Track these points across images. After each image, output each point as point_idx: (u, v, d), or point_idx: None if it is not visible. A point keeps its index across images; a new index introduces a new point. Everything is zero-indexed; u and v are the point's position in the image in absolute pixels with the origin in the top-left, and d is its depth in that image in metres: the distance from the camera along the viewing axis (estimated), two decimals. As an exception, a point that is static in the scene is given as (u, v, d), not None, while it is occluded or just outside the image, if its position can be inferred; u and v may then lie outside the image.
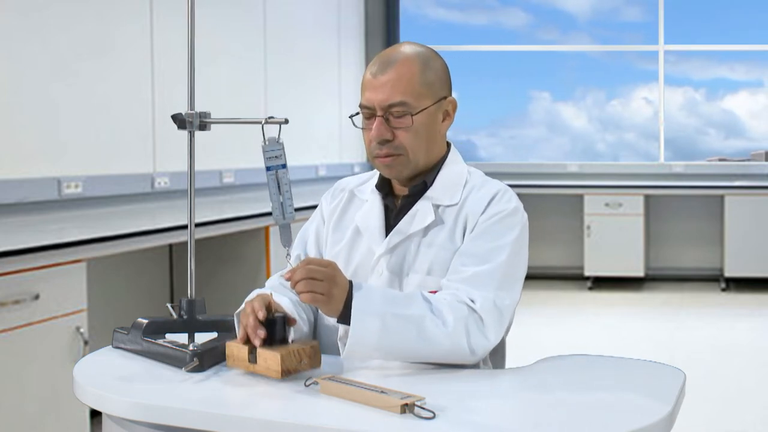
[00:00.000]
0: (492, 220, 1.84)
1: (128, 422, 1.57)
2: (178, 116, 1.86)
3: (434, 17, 9.25)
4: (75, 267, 3.26)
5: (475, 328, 1.70)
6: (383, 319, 1.65)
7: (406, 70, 1.85)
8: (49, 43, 4.01)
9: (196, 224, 2.61)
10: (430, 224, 1.87)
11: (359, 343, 1.65)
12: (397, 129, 1.85)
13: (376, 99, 1.85)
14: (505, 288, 1.77)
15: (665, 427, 1.45)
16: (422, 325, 1.67)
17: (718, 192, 7.50)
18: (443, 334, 1.67)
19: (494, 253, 1.79)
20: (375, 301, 1.67)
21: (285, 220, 1.70)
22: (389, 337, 1.65)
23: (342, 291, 1.66)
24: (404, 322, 1.66)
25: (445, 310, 1.70)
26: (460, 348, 1.69)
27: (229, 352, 1.69)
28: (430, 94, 1.87)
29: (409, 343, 1.67)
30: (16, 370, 3.02)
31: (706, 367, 5.01)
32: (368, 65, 1.90)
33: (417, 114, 1.85)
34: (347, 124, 8.57)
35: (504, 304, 1.75)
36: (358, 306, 1.65)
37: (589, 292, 7.44)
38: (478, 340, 1.70)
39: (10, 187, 3.77)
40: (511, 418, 1.48)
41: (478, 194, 1.89)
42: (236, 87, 5.61)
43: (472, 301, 1.72)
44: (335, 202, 2.03)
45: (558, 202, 7.71)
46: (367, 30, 7.98)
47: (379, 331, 1.64)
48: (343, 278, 1.68)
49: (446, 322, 1.68)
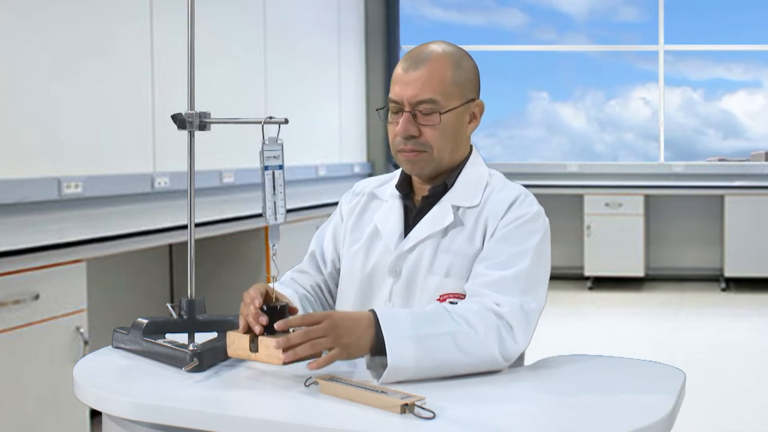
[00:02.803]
0: (514, 225, 1.82)
1: (128, 422, 1.57)
2: (178, 116, 1.86)
3: (432, 17, 9.26)
4: (75, 267, 3.26)
5: (505, 334, 1.68)
6: (417, 342, 1.61)
7: (438, 68, 1.85)
8: (49, 43, 4.01)
9: (196, 224, 2.61)
10: (449, 226, 1.85)
11: (398, 370, 1.60)
12: (423, 126, 1.84)
13: (406, 94, 1.84)
14: (530, 292, 1.75)
15: (665, 427, 1.45)
16: (456, 340, 1.64)
17: (718, 192, 7.51)
18: (476, 345, 1.65)
19: (517, 257, 1.77)
20: (404, 326, 1.63)
21: (276, 221, 1.69)
22: (426, 359, 1.62)
23: (359, 328, 1.62)
24: (438, 340, 1.63)
25: (474, 320, 1.67)
26: (493, 356, 1.67)
27: (230, 340, 1.68)
28: (459, 95, 1.87)
29: (445, 361, 1.64)
30: (16, 370, 3.02)
31: (706, 367, 5.01)
32: (400, 60, 1.90)
33: (445, 113, 1.84)
34: (347, 124, 8.54)
35: (530, 308, 1.73)
36: (389, 334, 1.61)
37: (589, 292, 7.44)
38: (509, 345, 1.68)
39: (10, 187, 3.77)
40: (510, 418, 1.48)
41: (498, 197, 1.87)
42: (236, 87, 5.60)
43: (498, 305, 1.70)
44: (354, 202, 2.02)
45: (558, 202, 7.71)
46: (367, 30, 7.98)
47: (415, 354, 1.61)
48: (349, 317, 1.64)
49: (477, 332, 1.66)
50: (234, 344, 1.68)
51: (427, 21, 9.20)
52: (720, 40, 8.70)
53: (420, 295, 1.85)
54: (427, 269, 1.84)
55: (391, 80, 1.90)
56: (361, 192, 2.04)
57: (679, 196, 7.83)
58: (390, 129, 1.89)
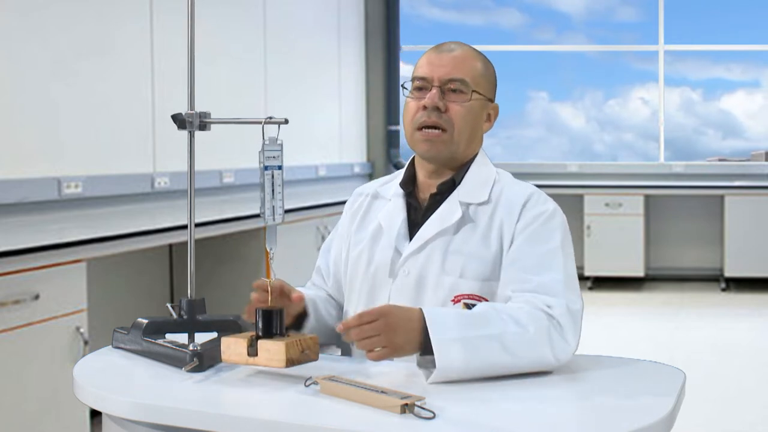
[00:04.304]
0: (535, 225, 1.82)
1: (128, 422, 1.57)
2: (178, 116, 1.86)
3: (430, 17, 9.26)
4: (75, 267, 3.26)
5: (556, 335, 1.69)
6: (465, 344, 1.62)
7: (470, 57, 1.91)
8: (49, 43, 4.01)
9: (196, 224, 2.60)
10: (459, 224, 1.84)
11: (446, 371, 1.61)
12: (451, 102, 1.87)
13: (437, 73, 1.87)
14: (572, 291, 1.76)
15: (665, 427, 1.45)
16: (504, 340, 1.64)
17: (718, 192, 7.51)
18: (527, 346, 1.65)
19: (549, 258, 1.78)
20: (452, 327, 1.64)
21: (274, 222, 1.69)
22: (474, 360, 1.62)
23: (411, 328, 1.63)
24: (486, 341, 1.64)
25: (524, 320, 1.67)
26: (545, 356, 1.67)
27: (225, 346, 1.65)
28: (485, 88, 1.92)
29: (494, 361, 1.64)
30: (16, 370, 3.02)
31: (706, 367, 5.01)
32: (429, 49, 1.94)
33: (474, 93, 1.88)
34: (347, 124, 8.53)
35: (576, 308, 1.74)
36: (436, 337, 1.62)
37: (589, 292, 7.44)
38: (561, 345, 1.69)
39: (10, 187, 3.76)
40: (510, 418, 1.48)
41: (509, 193, 1.87)
42: (236, 87, 5.60)
43: (549, 307, 1.71)
44: (357, 204, 2.02)
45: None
46: (367, 30, 7.98)
47: (463, 356, 1.61)
48: (404, 316, 1.65)
49: (528, 332, 1.66)
50: (229, 349, 1.65)
51: (426, 21, 9.21)
52: (719, 40, 8.70)
53: (433, 295, 1.83)
54: (440, 269, 1.83)
55: (416, 66, 1.92)
56: (362, 193, 2.03)
57: (679, 196, 7.83)
58: (411, 105, 1.89)
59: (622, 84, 9.22)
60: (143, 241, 3.67)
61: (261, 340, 1.62)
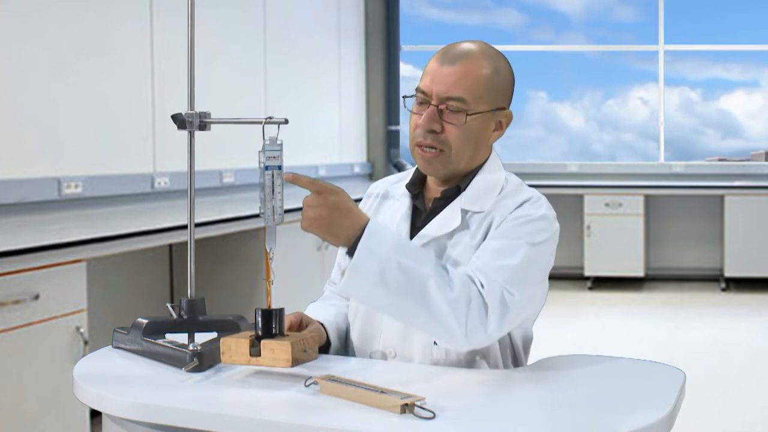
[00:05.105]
0: (515, 222, 1.77)
1: (128, 422, 1.57)
2: (178, 116, 1.86)
3: (429, 17, 9.26)
4: (75, 267, 3.26)
5: (476, 312, 1.63)
6: (386, 265, 1.60)
7: (474, 68, 1.80)
8: (49, 43, 4.01)
9: (196, 224, 2.61)
10: (455, 229, 1.81)
11: (355, 279, 1.60)
12: (447, 123, 1.79)
13: (436, 88, 1.79)
14: (517, 285, 1.68)
15: (665, 427, 1.45)
16: (425, 284, 1.61)
17: (718, 192, 7.51)
18: (445, 302, 1.61)
19: (511, 249, 1.72)
20: (385, 245, 1.62)
21: (274, 222, 1.69)
22: (386, 284, 1.60)
23: (350, 223, 1.63)
24: (407, 274, 1.61)
25: (456, 283, 1.64)
26: (454, 326, 1.62)
27: (225, 347, 1.64)
28: (490, 100, 1.82)
29: (404, 297, 1.61)
30: (16, 370, 3.02)
31: (706, 367, 5.01)
32: (436, 53, 1.84)
33: (472, 115, 1.79)
34: (347, 124, 8.53)
35: (511, 300, 1.67)
36: (364, 244, 1.61)
37: (589, 292, 7.44)
38: (475, 324, 1.63)
39: (10, 187, 3.76)
40: (510, 418, 1.48)
41: (507, 201, 1.81)
42: (236, 87, 5.60)
43: (482, 286, 1.66)
44: (366, 207, 2.01)
45: (558, 202, 7.62)
46: (367, 30, 7.98)
47: (377, 275, 1.60)
48: (355, 211, 1.64)
49: (453, 290, 1.62)
50: (230, 350, 1.64)
51: (425, 21, 9.21)
52: (718, 40, 8.70)
53: None
54: None
55: (423, 71, 1.85)
56: (372, 194, 2.03)
57: (679, 196, 7.83)
58: (412, 119, 1.84)
59: (621, 84, 9.23)
60: (143, 241, 3.67)
61: (264, 340, 1.62)
